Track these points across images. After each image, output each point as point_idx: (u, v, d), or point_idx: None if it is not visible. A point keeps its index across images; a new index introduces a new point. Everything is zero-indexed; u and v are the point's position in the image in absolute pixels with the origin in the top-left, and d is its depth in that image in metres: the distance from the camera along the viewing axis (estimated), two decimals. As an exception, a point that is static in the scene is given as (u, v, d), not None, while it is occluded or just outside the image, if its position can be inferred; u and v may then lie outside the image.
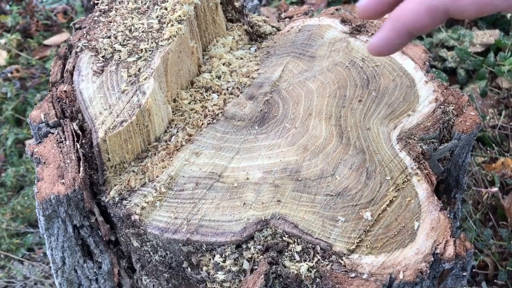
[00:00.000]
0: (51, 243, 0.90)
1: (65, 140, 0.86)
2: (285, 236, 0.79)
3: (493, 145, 1.90)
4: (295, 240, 0.79)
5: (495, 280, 1.58)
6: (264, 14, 1.28)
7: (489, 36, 2.13)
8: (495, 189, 1.67)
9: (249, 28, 1.15)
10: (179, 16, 0.95)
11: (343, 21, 1.12)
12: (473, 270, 1.58)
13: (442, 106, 0.96)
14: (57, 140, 0.86)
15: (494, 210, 1.76)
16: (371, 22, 1.13)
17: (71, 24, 1.02)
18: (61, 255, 0.91)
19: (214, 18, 1.08)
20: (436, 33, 2.15)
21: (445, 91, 0.99)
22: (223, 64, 1.06)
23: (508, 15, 2.11)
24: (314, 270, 0.76)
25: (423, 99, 0.97)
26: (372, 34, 1.09)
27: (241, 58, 1.09)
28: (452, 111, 0.96)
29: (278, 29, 1.18)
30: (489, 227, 1.70)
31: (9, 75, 2.57)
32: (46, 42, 2.76)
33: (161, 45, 0.93)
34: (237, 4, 1.14)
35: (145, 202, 0.83)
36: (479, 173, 1.82)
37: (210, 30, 1.09)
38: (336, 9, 1.17)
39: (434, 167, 0.92)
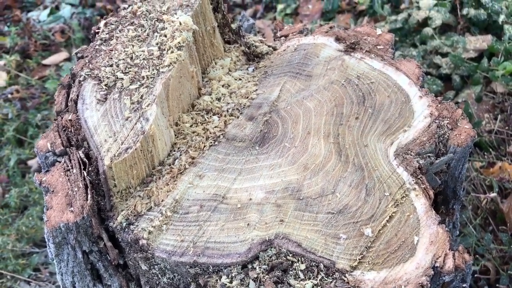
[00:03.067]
0: (61, 268, 0.92)
1: (72, 168, 0.88)
2: (289, 255, 0.82)
3: (490, 149, 1.92)
4: (299, 258, 0.81)
5: (497, 285, 1.59)
6: (259, 30, 1.31)
7: (482, 41, 2.16)
8: (493, 194, 1.69)
9: (246, 49, 1.18)
10: (179, 42, 0.98)
11: (338, 39, 1.15)
12: (475, 275, 1.60)
13: (437, 121, 0.98)
14: (64, 169, 0.89)
15: (493, 215, 1.78)
16: (365, 39, 1.16)
17: (73, 54, 1.05)
18: (71, 280, 0.93)
19: (212, 41, 1.11)
20: (430, 41, 2.18)
21: (439, 105, 1.01)
22: (223, 86, 1.08)
23: (500, 20, 2.14)
24: (319, 287, 0.78)
25: (418, 114, 0.99)
26: (367, 51, 1.12)
27: (240, 79, 1.11)
28: (447, 125, 0.99)
29: (275, 49, 1.21)
30: (489, 232, 1.72)
31: (9, 96, 2.60)
32: (44, 61, 2.79)
33: (162, 72, 0.96)
34: (234, 26, 1.17)
35: (152, 227, 0.85)
36: (477, 178, 1.84)
37: (209, 53, 1.12)
38: (330, 27, 1.20)
39: (431, 181, 0.95)
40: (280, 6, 2.73)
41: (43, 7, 3.13)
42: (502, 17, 2.14)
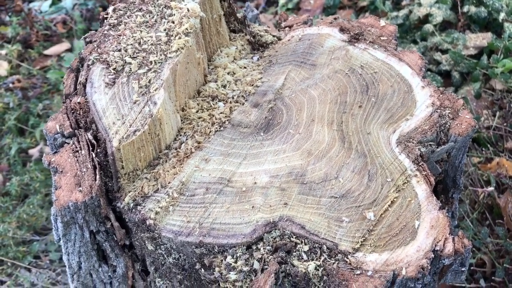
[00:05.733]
0: (68, 248, 0.94)
1: (81, 149, 0.90)
2: (293, 237, 0.84)
3: (488, 145, 1.94)
4: (303, 240, 0.83)
5: (493, 277, 1.62)
6: (263, 23, 1.33)
7: (482, 39, 2.18)
8: (490, 188, 1.71)
9: (251, 38, 1.19)
10: (186, 29, 1.00)
11: (342, 30, 1.16)
12: (471, 268, 1.62)
13: (438, 110, 1.00)
14: (73, 150, 0.91)
15: (490, 209, 1.80)
16: (369, 30, 1.18)
17: (81, 39, 1.06)
18: (78, 259, 0.95)
19: (218, 30, 1.13)
20: (431, 37, 2.20)
21: (441, 95, 1.03)
22: (228, 74, 1.10)
23: (500, 18, 2.17)
24: (321, 268, 0.80)
25: (420, 104, 1.01)
26: (370, 42, 1.14)
27: (245, 67, 1.13)
28: (448, 115, 1.01)
29: (279, 38, 1.22)
30: (486, 226, 1.75)
31: (10, 85, 2.61)
32: (46, 52, 2.80)
33: (170, 57, 0.97)
34: (239, 15, 1.19)
35: (159, 207, 0.87)
36: (475, 173, 1.86)
37: (215, 41, 1.13)
38: (335, 18, 1.22)
39: (433, 169, 0.97)
40: (282, 1, 2.74)
41: (45, -2, 3.14)
42: (502, 15, 2.16)
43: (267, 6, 2.86)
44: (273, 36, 1.23)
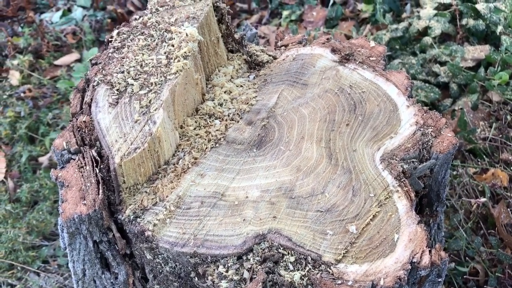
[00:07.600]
0: (73, 256, 1.01)
1: (86, 165, 0.97)
2: (280, 249, 0.90)
3: (484, 156, 1.98)
4: (289, 252, 0.90)
5: (485, 286, 1.66)
6: (264, 35, 1.38)
7: (480, 51, 2.22)
8: (483, 199, 1.76)
9: (248, 58, 1.26)
10: (185, 52, 1.07)
11: (333, 51, 1.23)
12: (465, 276, 1.67)
13: (421, 129, 1.06)
14: (78, 166, 0.98)
15: (485, 219, 1.84)
16: (359, 51, 1.24)
17: (87, 60, 1.14)
18: (82, 267, 1.02)
19: (216, 50, 1.20)
20: (430, 49, 2.24)
21: (424, 114, 1.09)
22: (225, 92, 1.17)
23: (498, 31, 2.21)
24: (306, 278, 0.87)
25: (405, 122, 1.08)
26: (360, 62, 1.21)
27: (241, 86, 1.20)
28: (431, 133, 1.06)
29: (275, 58, 1.29)
30: (479, 236, 1.79)
31: (22, 94, 2.69)
32: (56, 62, 2.88)
33: (169, 79, 1.05)
34: (237, 36, 1.26)
35: (157, 220, 0.94)
36: (470, 183, 1.91)
37: (213, 61, 1.20)
38: (327, 39, 1.28)
39: (415, 184, 1.03)
40: (285, 13, 2.81)
41: (56, 9, 3.23)
42: (499, 28, 2.20)
43: (271, 18, 2.93)
44: (269, 55, 1.29)
